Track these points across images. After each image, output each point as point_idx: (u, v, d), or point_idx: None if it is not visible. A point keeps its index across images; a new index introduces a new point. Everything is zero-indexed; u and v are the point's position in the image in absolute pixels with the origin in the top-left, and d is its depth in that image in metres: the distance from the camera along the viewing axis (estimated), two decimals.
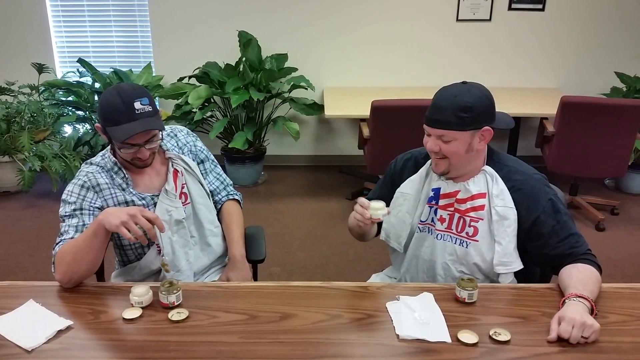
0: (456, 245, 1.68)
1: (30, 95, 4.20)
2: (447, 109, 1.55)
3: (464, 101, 1.55)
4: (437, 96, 1.61)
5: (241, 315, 1.46)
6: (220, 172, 1.99)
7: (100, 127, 1.66)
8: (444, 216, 1.69)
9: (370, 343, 1.35)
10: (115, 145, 1.66)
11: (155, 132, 1.66)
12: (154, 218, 1.51)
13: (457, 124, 1.55)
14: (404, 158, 1.84)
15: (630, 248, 3.46)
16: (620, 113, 3.37)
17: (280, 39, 4.44)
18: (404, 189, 1.77)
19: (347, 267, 3.21)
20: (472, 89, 1.58)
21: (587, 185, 4.30)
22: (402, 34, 4.50)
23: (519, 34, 4.50)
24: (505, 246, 1.61)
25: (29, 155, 3.93)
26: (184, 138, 1.90)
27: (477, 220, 1.64)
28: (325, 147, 4.87)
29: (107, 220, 1.49)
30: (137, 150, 1.64)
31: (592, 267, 1.55)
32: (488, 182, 1.64)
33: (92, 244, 1.54)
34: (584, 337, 1.33)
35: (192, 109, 4.10)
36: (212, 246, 1.89)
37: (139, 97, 1.60)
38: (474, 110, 1.55)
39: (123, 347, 1.33)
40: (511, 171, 1.65)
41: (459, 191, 1.66)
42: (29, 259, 3.27)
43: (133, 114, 1.58)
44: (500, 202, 1.61)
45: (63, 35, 4.53)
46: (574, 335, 1.33)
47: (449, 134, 1.57)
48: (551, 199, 1.62)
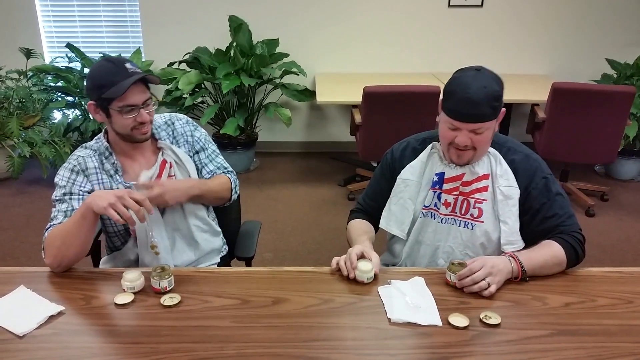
0: (461, 228, 1.69)
1: (19, 80, 4.15)
2: (482, 102, 1.52)
3: (494, 90, 1.53)
4: (463, 89, 1.53)
5: (233, 300, 1.46)
6: (222, 163, 1.91)
7: (94, 102, 1.64)
8: (449, 200, 1.68)
9: (362, 326, 1.36)
10: (115, 112, 1.63)
11: (150, 96, 1.68)
12: (141, 200, 1.51)
13: (492, 115, 1.55)
14: (400, 147, 1.81)
15: (619, 233, 3.49)
16: (610, 99, 3.39)
17: (271, 24, 4.41)
18: (405, 175, 1.75)
19: (339, 252, 3.18)
20: (491, 73, 1.57)
21: (578, 171, 4.33)
22: (395, 19, 4.48)
23: (510, 20, 4.49)
24: (511, 225, 1.64)
25: (18, 141, 3.89)
26: (180, 127, 1.85)
27: (482, 201, 1.65)
28: (317, 134, 4.86)
29: (94, 203, 1.48)
30: (137, 113, 1.64)
31: (559, 246, 1.57)
32: (491, 163, 1.65)
33: (80, 227, 1.53)
34: (481, 286, 1.45)
35: (183, 94, 4.07)
36: (199, 242, 1.84)
37: (127, 61, 1.64)
38: (502, 96, 1.55)
39: (115, 332, 1.33)
40: (510, 150, 1.68)
41: (464, 174, 1.66)
42: (20, 246, 3.25)
43: (126, 72, 1.60)
44: (504, 182, 1.63)
45: (51, 19, 4.47)
46: (476, 275, 1.45)
47: (484, 126, 1.55)
48: (546, 177, 1.64)
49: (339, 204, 3.87)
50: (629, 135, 3.89)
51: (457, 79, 1.58)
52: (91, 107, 1.66)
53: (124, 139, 1.71)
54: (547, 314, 1.41)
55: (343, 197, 3.96)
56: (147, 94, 1.66)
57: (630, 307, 1.45)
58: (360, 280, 1.53)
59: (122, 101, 1.61)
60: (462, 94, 1.53)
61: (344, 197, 3.97)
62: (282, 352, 1.27)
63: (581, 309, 1.44)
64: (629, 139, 3.98)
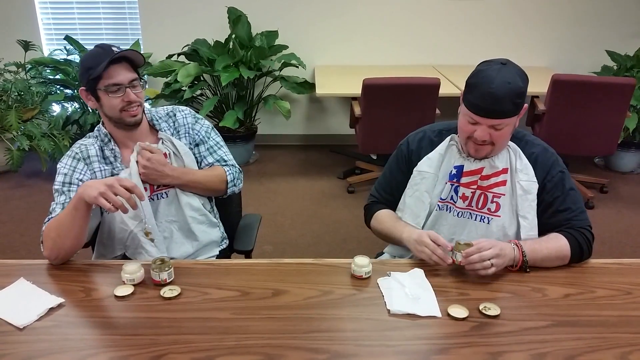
0: (477, 222, 1.67)
1: (17, 73, 4.14)
2: (505, 99, 1.48)
3: (518, 87, 1.50)
4: (487, 84, 1.49)
5: (233, 292, 1.47)
6: (222, 156, 1.88)
7: (84, 87, 1.66)
8: (467, 194, 1.67)
9: (362, 318, 1.36)
10: (102, 93, 1.64)
11: (137, 77, 1.67)
12: (132, 187, 1.48)
13: (514, 111, 1.52)
14: (416, 138, 1.77)
15: (618, 225, 3.50)
16: (610, 91, 3.38)
17: (270, 15, 4.39)
18: (421, 167, 1.71)
19: (338, 245, 3.22)
20: (516, 69, 1.54)
21: (577, 163, 4.33)
22: (394, 11, 4.46)
23: (510, 12, 4.47)
24: (531, 220, 1.63)
25: (17, 134, 3.88)
26: (182, 119, 1.84)
27: (500, 195, 1.64)
28: (316, 126, 4.85)
29: (86, 193, 1.48)
30: (124, 93, 1.64)
31: (565, 241, 1.57)
32: (511, 157, 1.64)
33: (74, 219, 1.53)
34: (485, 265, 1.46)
35: (182, 87, 4.06)
36: (196, 234, 1.84)
37: (117, 47, 1.65)
38: (525, 93, 1.53)
39: (115, 324, 1.34)
40: (529, 143, 1.67)
41: (483, 167, 1.64)
42: (20, 239, 3.25)
43: (112, 52, 1.62)
44: (524, 176, 1.62)
45: (49, 11, 4.45)
46: (485, 253, 1.45)
47: (505, 122, 1.53)
48: (562, 171, 1.65)
49: (339, 196, 3.87)
50: (628, 127, 3.88)
51: (481, 72, 1.53)
52: (82, 93, 1.68)
53: (117, 125, 1.71)
54: (546, 305, 1.42)
55: (343, 190, 3.96)
56: (133, 73, 1.67)
57: (628, 299, 1.46)
58: (359, 276, 1.53)
59: (107, 79, 1.62)
60: (485, 88, 1.50)
61: (343, 189, 3.97)
62: (282, 343, 1.27)
63: (580, 300, 1.44)
64: (629, 131, 3.97)
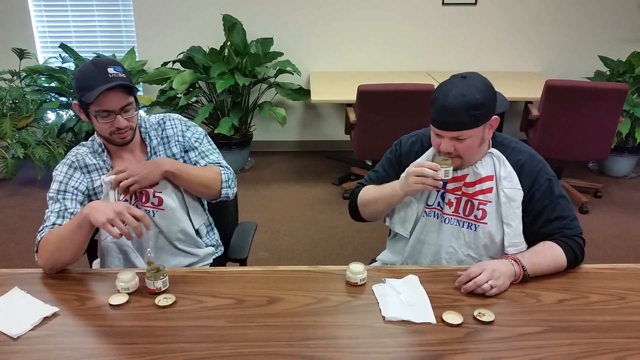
0: (464, 229, 1.68)
1: (12, 81, 4.13)
2: (460, 110, 1.51)
3: (474, 98, 1.52)
4: (443, 97, 1.54)
5: (228, 299, 1.47)
6: (216, 160, 1.85)
7: (77, 102, 1.65)
8: (452, 200, 1.68)
9: (357, 325, 1.37)
10: (92, 116, 1.63)
11: (131, 101, 1.64)
12: (141, 216, 1.49)
13: (472, 123, 1.54)
14: (409, 140, 1.79)
15: (613, 230, 3.51)
16: (603, 97, 3.40)
17: (265, 22, 4.41)
18: None
19: (334, 251, 3.22)
20: (475, 82, 1.55)
21: (571, 168, 4.35)
22: (389, 17, 4.48)
23: (504, 18, 4.50)
24: (515, 227, 1.63)
25: (11, 142, 3.87)
26: (171, 128, 1.82)
27: (485, 202, 1.65)
28: (311, 133, 4.86)
29: (92, 216, 1.47)
30: (114, 119, 1.62)
31: (561, 250, 1.57)
32: (495, 165, 1.65)
33: (76, 236, 1.53)
34: (484, 289, 1.46)
35: (177, 94, 4.06)
36: (185, 251, 1.83)
37: (112, 65, 1.61)
38: (485, 104, 1.54)
39: (110, 333, 1.33)
40: (514, 150, 1.67)
41: (467, 175, 1.66)
42: (14, 247, 3.24)
43: (107, 77, 1.58)
44: (508, 184, 1.63)
45: (44, 19, 4.45)
46: (479, 279, 1.46)
47: (465, 134, 1.55)
48: (550, 179, 1.64)
49: (334, 203, 3.87)
50: (621, 132, 3.90)
51: (441, 87, 1.58)
52: (76, 106, 1.68)
53: (107, 141, 1.71)
54: (540, 310, 1.42)
55: (338, 196, 3.96)
56: (126, 99, 1.63)
57: (622, 304, 1.46)
58: (354, 282, 1.53)
59: (97, 106, 1.60)
60: (440, 101, 1.54)
61: (339, 196, 3.97)
62: (278, 351, 1.27)
63: (574, 305, 1.45)
64: (622, 135, 4.00)
